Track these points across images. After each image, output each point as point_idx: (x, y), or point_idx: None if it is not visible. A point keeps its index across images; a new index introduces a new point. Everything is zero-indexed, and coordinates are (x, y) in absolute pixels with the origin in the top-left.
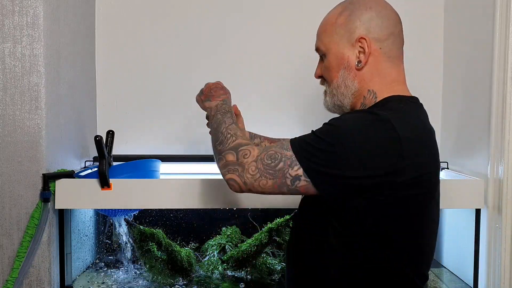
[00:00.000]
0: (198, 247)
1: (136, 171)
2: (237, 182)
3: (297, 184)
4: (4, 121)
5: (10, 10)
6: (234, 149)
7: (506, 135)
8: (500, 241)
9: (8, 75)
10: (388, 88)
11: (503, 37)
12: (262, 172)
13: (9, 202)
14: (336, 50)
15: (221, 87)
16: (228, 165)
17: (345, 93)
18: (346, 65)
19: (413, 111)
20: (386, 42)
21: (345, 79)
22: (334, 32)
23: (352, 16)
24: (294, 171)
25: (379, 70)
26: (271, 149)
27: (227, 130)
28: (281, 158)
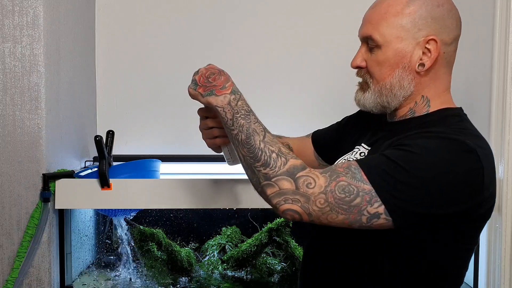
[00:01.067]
0: (198, 247)
1: (136, 171)
2: (299, 213)
3: (373, 222)
4: (4, 121)
5: (10, 10)
6: (290, 174)
7: (506, 135)
8: (500, 241)
9: (8, 75)
10: (440, 96)
11: (503, 37)
12: (333, 206)
13: (9, 202)
14: (399, 46)
15: (218, 72)
16: (284, 194)
17: (398, 94)
18: (406, 64)
19: (473, 128)
20: (450, 46)
21: (402, 80)
22: (399, 24)
23: (422, 10)
24: (374, 209)
25: (437, 76)
26: (340, 177)
27: (267, 146)
28: (358, 193)
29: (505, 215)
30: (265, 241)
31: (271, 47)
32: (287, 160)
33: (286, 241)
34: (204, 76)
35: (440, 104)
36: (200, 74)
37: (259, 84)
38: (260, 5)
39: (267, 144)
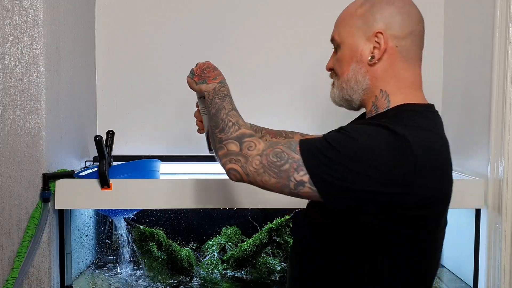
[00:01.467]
0: (198, 247)
1: (136, 171)
2: (239, 172)
3: (300, 189)
4: (4, 121)
5: (10, 10)
6: (238, 139)
7: (506, 135)
8: (500, 241)
9: (8, 75)
10: (403, 92)
11: (503, 37)
12: (266, 168)
13: (9, 202)
14: (351, 42)
15: (214, 67)
16: (229, 155)
17: (355, 88)
18: (358, 58)
19: (433, 126)
20: (404, 40)
21: (356, 73)
22: (352, 23)
23: (373, 8)
24: (300, 176)
25: (394, 70)
26: (278, 146)
27: (228, 117)
28: (288, 160)
29: (505, 215)
30: (265, 241)
31: (271, 47)
32: (239, 127)
33: (286, 241)
34: (201, 68)
35: (401, 99)
36: (198, 66)
37: (259, 84)
38: (260, 5)
39: (229, 116)
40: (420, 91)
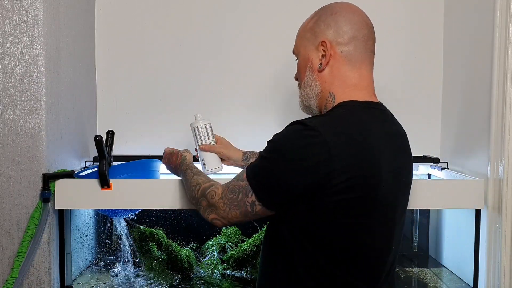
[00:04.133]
0: (198, 247)
1: (136, 171)
2: (218, 219)
3: (255, 209)
4: (4, 121)
5: (10, 10)
6: (202, 195)
7: (506, 135)
8: (500, 241)
9: (8, 75)
10: (347, 92)
11: (503, 37)
12: (229, 205)
13: (9, 202)
14: (304, 52)
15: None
16: (206, 209)
17: (310, 94)
18: (310, 67)
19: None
20: (347, 46)
21: (309, 80)
22: (304, 36)
23: (318, 21)
24: (250, 198)
25: (340, 73)
26: (231, 183)
27: (191, 183)
28: (240, 190)
29: (505, 215)
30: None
31: (272, 47)
32: (199, 186)
33: None
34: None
35: (342, 98)
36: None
37: (259, 84)
38: (261, 5)
39: (191, 182)
40: (365, 91)
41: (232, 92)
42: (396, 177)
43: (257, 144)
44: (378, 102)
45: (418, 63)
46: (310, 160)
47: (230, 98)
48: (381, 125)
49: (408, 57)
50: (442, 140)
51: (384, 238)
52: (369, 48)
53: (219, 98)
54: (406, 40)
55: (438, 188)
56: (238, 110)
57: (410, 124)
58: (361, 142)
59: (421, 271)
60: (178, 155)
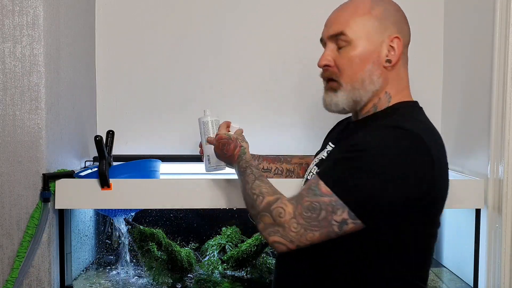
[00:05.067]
0: (198, 247)
1: (136, 171)
2: (282, 243)
3: (345, 228)
4: (4, 121)
5: (10, 10)
6: (266, 210)
7: (506, 135)
8: (500, 241)
9: (8, 75)
10: (400, 93)
11: (503, 37)
12: (306, 226)
13: (9, 202)
14: (368, 41)
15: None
16: (267, 228)
17: (369, 89)
18: (375, 59)
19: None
20: (406, 48)
21: (372, 74)
22: (369, 22)
23: (386, 12)
24: (339, 216)
25: (398, 74)
26: (304, 199)
27: (252, 189)
28: (321, 207)
29: (505, 215)
30: (265, 241)
31: (273, 48)
32: (264, 198)
33: None
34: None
35: (398, 99)
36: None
37: (260, 84)
38: (261, 6)
39: (252, 189)
40: (409, 92)
41: (232, 92)
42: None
43: (257, 144)
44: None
45: (418, 63)
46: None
47: (230, 98)
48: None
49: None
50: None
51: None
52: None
53: (219, 98)
54: None
55: None
56: (238, 110)
57: None
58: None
59: None
60: (237, 145)
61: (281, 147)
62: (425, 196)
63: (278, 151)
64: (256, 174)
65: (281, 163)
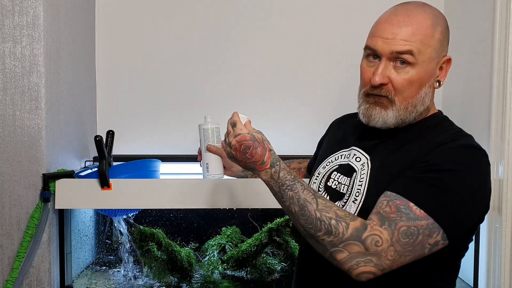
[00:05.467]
0: (198, 247)
1: (136, 171)
2: (373, 273)
3: (433, 250)
4: (4, 121)
5: (10, 10)
6: (356, 238)
7: (506, 135)
8: (500, 241)
9: (8, 75)
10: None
11: (503, 37)
12: (401, 253)
13: (9, 202)
14: (429, 65)
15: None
16: (355, 258)
17: (419, 110)
18: (431, 83)
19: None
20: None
21: (425, 96)
22: (432, 45)
23: (444, 33)
24: (433, 239)
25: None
26: (399, 224)
27: (324, 214)
28: (418, 231)
29: (505, 215)
30: (265, 241)
31: (274, 48)
32: (347, 224)
33: (286, 241)
34: (240, 151)
35: (431, 110)
36: (234, 148)
37: (260, 84)
38: (261, 6)
39: (322, 212)
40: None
41: (232, 92)
42: None
43: None
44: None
45: None
46: (487, 189)
47: (230, 98)
48: None
49: None
50: None
51: None
52: None
53: (219, 98)
54: None
55: None
56: (238, 110)
57: None
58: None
59: None
60: (266, 149)
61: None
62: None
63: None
64: (311, 190)
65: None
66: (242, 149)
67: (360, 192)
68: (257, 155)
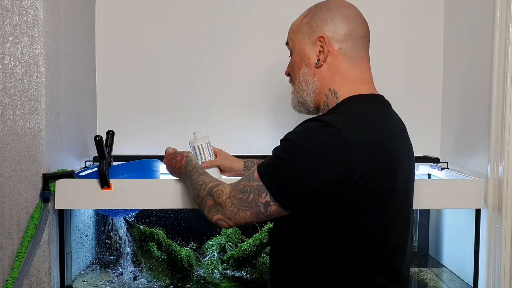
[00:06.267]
0: (198, 247)
1: (136, 171)
2: (222, 219)
3: (269, 210)
4: (4, 121)
5: (10, 10)
6: (208, 194)
7: (506, 135)
8: (500, 241)
9: (8, 75)
10: (349, 88)
11: (503, 37)
12: (237, 206)
13: (9, 202)
14: (300, 47)
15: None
16: (211, 209)
17: (306, 90)
18: (306, 62)
19: (368, 111)
20: (345, 43)
21: (306, 76)
22: (299, 30)
23: (315, 16)
24: (263, 198)
25: (339, 70)
26: (240, 183)
27: (197, 183)
28: (250, 190)
29: (505, 215)
30: (265, 241)
31: (272, 48)
32: (206, 184)
33: None
34: (168, 161)
35: (347, 94)
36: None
37: (260, 85)
38: (262, 6)
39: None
40: (368, 84)
41: (233, 92)
42: (409, 169)
43: (257, 144)
44: (380, 95)
45: (418, 63)
46: (330, 158)
47: (230, 98)
48: (390, 116)
49: (408, 57)
50: (442, 140)
51: (402, 231)
52: (366, 44)
53: (219, 98)
54: (406, 40)
55: (438, 188)
56: (238, 110)
57: (410, 124)
58: (377, 136)
59: (421, 271)
60: (183, 156)
61: None
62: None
63: None
64: (200, 172)
65: None
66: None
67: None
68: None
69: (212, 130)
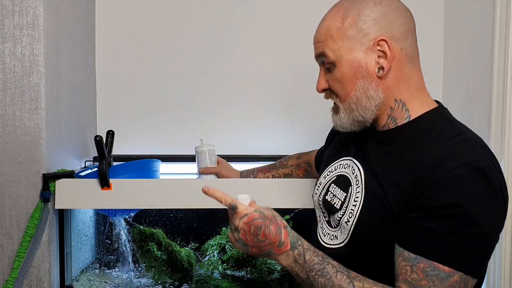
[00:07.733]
0: (198, 247)
1: (136, 171)
2: None
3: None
4: (4, 121)
5: (10, 10)
6: None
7: (506, 135)
8: (500, 241)
9: (8, 75)
10: (416, 96)
11: (503, 37)
12: None
13: (9, 202)
14: (350, 57)
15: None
16: None
17: (368, 106)
18: (364, 73)
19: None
20: (406, 40)
21: (366, 90)
22: (344, 36)
23: (361, 15)
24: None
25: (403, 75)
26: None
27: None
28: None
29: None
30: None
31: (273, 49)
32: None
33: None
34: (250, 233)
35: (419, 106)
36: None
37: (260, 85)
38: (262, 6)
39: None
40: (426, 91)
41: (233, 93)
42: None
43: (257, 144)
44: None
45: None
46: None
47: (230, 98)
48: None
49: None
50: None
51: None
52: (416, 39)
53: (219, 99)
54: None
55: None
56: (238, 110)
57: None
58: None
59: None
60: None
61: (283, 148)
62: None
63: (280, 152)
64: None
65: (277, 169)
66: (253, 231)
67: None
68: (272, 235)
69: (212, 130)
